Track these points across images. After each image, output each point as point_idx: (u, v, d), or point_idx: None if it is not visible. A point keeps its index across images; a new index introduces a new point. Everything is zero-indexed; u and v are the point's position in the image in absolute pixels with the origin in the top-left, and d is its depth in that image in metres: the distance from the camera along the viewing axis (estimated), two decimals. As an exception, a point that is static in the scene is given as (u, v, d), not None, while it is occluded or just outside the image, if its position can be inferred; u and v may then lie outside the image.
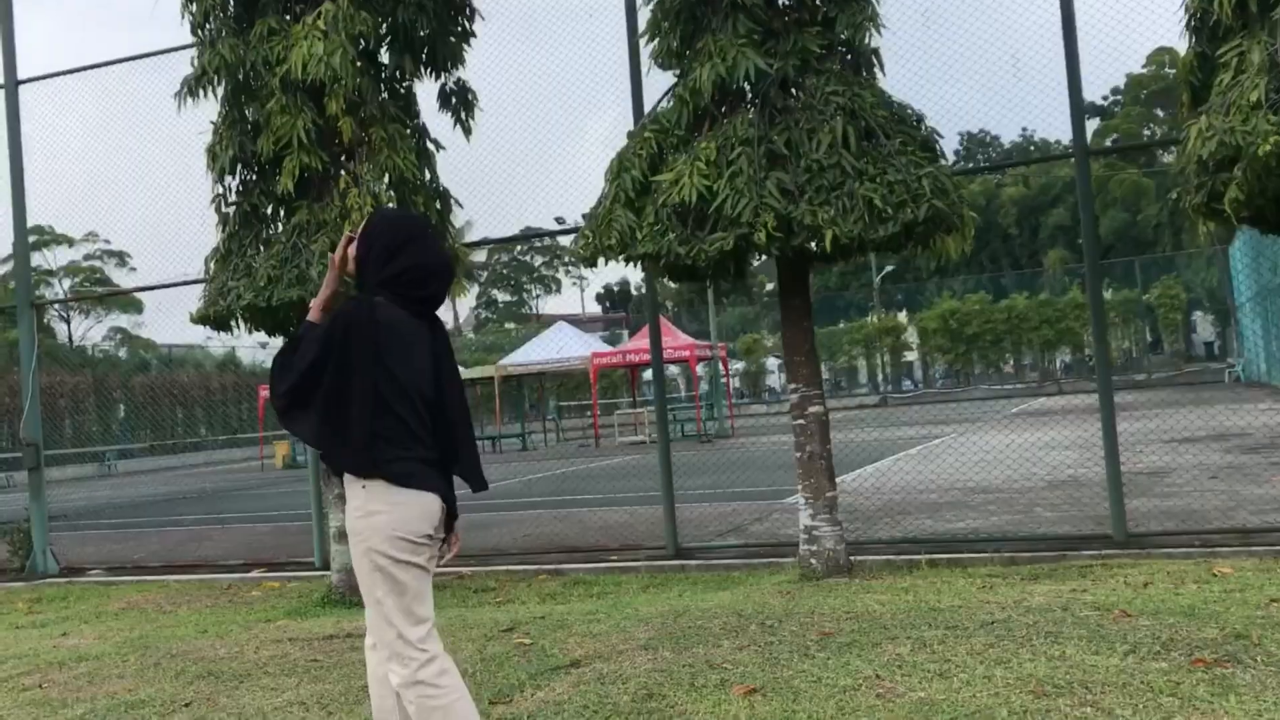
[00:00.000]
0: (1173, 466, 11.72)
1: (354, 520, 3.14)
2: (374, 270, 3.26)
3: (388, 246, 3.27)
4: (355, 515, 3.14)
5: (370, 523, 3.11)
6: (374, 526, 3.10)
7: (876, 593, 6.10)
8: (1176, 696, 3.72)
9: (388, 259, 3.26)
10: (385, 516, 3.10)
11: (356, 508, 3.14)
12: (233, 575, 9.43)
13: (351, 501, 3.15)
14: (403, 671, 3.09)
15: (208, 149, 7.67)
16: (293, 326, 7.72)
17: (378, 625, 3.14)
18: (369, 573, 3.12)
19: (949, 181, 6.41)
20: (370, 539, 3.11)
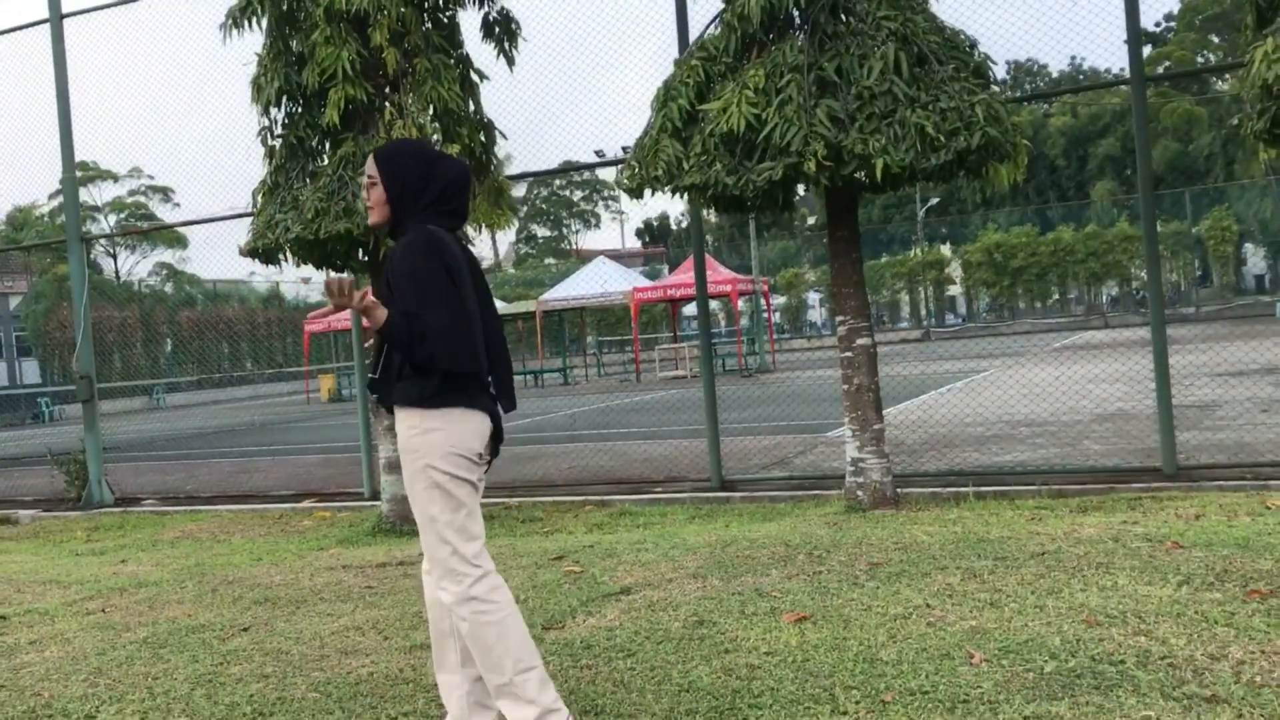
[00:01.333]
0: (1222, 400, 11.58)
1: (411, 438, 3.15)
2: (413, 201, 3.25)
3: (421, 174, 3.26)
4: (412, 433, 3.14)
5: (428, 440, 3.13)
6: (432, 444, 3.12)
7: (924, 524, 6.10)
8: (1232, 626, 3.70)
9: (424, 185, 3.26)
10: (443, 434, 3.13)
11: (413, 425, 3.15)
12: (284, 505, 9.59)
13: (407, 420, 3.16)
14: (456, 589, 3.11)
15: (252, 81, 7.66)
16: (339, 260, 7.76)
17: (431, 544, 3.16)
18: (425, 490, 3.14)
19: (1002, 109, 6.28)
20: (428, 456, 3.12)
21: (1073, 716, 3.04)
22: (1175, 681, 3.23)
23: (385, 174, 3.26)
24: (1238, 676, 3.23)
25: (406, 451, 3.17)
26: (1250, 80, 5.55)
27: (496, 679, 3.10)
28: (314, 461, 13.57)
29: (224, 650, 4.56)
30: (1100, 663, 3.44)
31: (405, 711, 3.57)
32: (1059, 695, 3.20)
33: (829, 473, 8.44)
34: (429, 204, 3.26)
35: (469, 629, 3.10)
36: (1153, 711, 3.02)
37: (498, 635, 3.09)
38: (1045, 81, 66.83)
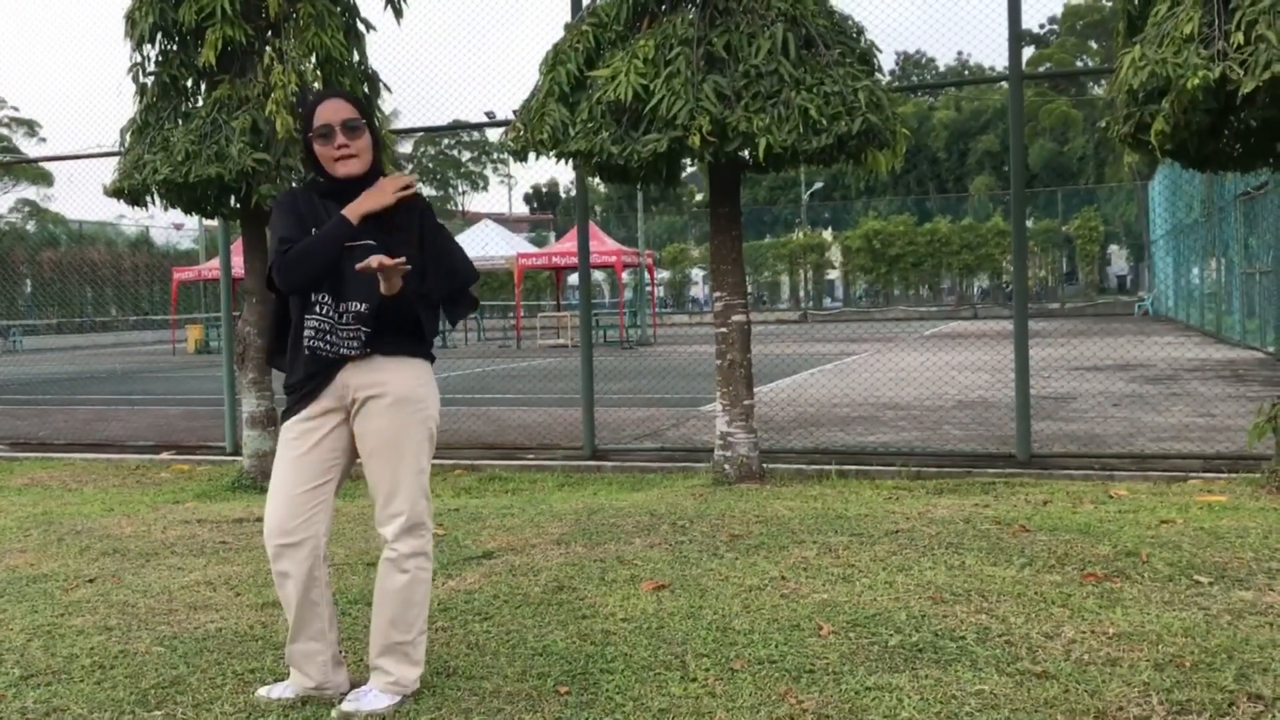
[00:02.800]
0: (1078, 393, 12.06)
1: (417, 388, 3.19)
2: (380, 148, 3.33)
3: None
4: (419, 384, 3.20)
5: (431, 390, 3.25)
6: (433, 395, 3.25)
7: (786, 499, 6.23)
8: (1067, 607, 3.87)
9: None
10: (435, 386, 3.29)
11: (419, 376, 3.21)
12: (141, 456, 9.30)
13: (412, 370, 3.19)
14: (416, 543, 3.18)
15: (126, 15, 7.33)
16: (209, 205, 7.52)
17: (413, 497, 3.17)
18: (421, 442, 3.19)
19: (884, 96, 6.40)
20: (431, 407, 3.23)
21: (912, 688, 3.14)
22: (1010, 658, 3.37)
23: (366, 116, 3.24)
24: (1068, 654, 3.39)
25: (409, 401, 3.16)
26: (1117, 85, 5.76)
27: (400, 636, 3.15)
28: (176, 413, 13.18)
29: (66, 601, 4.41)
30: (942, 638, 3.57)
31: (252, 668, 3.50)
32: (900, 668, 3.31)
33: (699, 445, 8.53)
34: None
35: (406, 581, 3.15)
36: (987, 685, 3.15)
37: (424, 594, 3.20)
38: (933, 74, 68.39)
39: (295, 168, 7.00)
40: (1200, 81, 5.22)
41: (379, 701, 3.11)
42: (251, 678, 3.42)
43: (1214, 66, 5.22)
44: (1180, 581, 4.17)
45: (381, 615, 3.17)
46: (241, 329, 7.69)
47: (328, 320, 3.10)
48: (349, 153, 3.17)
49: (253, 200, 7.10)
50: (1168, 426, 9.11)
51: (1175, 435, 8.59)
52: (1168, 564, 4.40)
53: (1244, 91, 5.18)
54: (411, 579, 3.16)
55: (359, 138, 3.18)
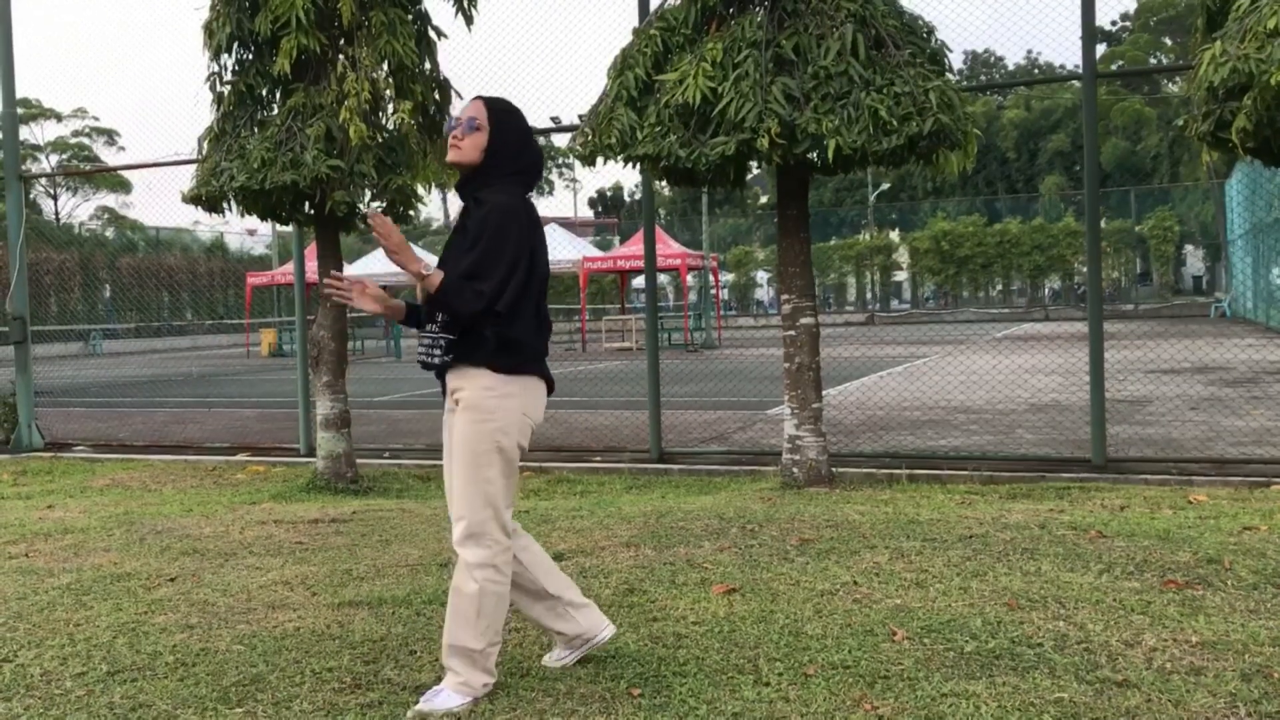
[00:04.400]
0: (1154, 396, 11.82)
1: (486, 398, 3.19)
2: (509, 161, 3.32)
3: (523, 135, 3.37)
4: (490, 394, 3.19)
5: (505, 403, 3.20)
6: (508, 408, 3.20)
7: (856, 503, 6.18)
8: (1147, 615, 3.80)
9: (522, 148, 3.36)
10: (519, 400, 3.23)
11: (490, 387, 3.19)
12: (218, 458, 9.49)
13: (483, 380, 3.20)
14: (481, 552, 3.20)
15: (204, 25, 7.49)
16: (284, 212, 7.65)
17: (475, 506, 3.19)
18: (488, 452, 3.19)
19: (956, 96, 6.33)
20: (502, 419, 3.19)
21: (989, 696, 3.10)
22: (1090, 665, 3.31)
23: (495, 125, 3.31)
24: (1149, 663, 3.32)
25: (476, 409, 3.19)
26: (1197, 82, 5.63)
27: (467, 641, 3.18)
28: (251, 415, 13.43)
29: (149, 599, 4.51)
30: (1019, 645, 3.52)
31: (330, 667, 3.56)
32: (977, 675, 3.27)
33: (767, 449, 8.50)
34: (525, 168, 3.35)
35: (475, 591, 3.18)
36: (1066, 694, 3.10)
37: (494, 606, 3.21)
38: (1001, 74, 67.45)
39: (369, 174, 7.11)
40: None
41: (451, 701, 3.16)
42: (329, 676, 3.47)
43: (1299, 62, 5.08)
44: (1266, 590, 4.07)
45: (453, 618, 3.23)
46: (316, 333, 7.81)
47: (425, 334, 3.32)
48: (458, 144, 3.32)
49: (326, 206, 7.21)
50: (1248, 430, 8.89)
51: (1256, 439, 8.38)
52: (1252, 571, 4.30)
53: (1330, 87, 5.03)
54: (480, 590, 3.19)
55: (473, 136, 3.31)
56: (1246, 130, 5.49)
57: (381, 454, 9.24)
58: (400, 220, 7.78)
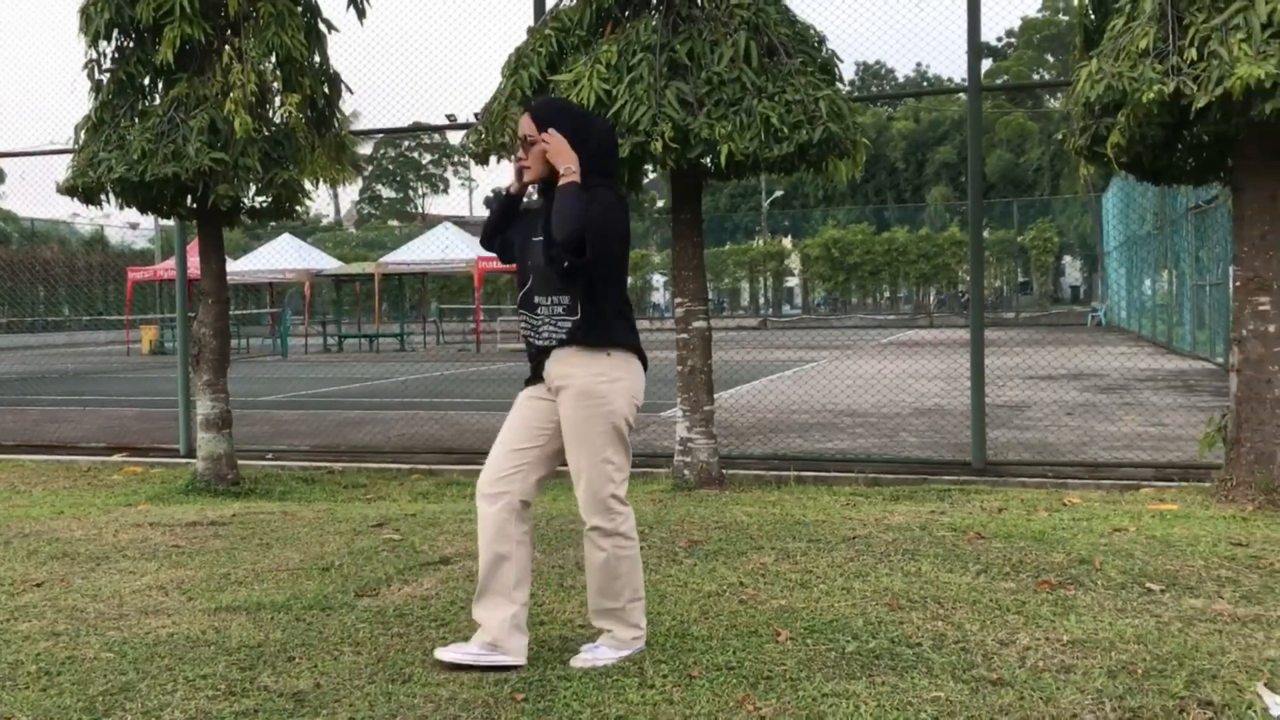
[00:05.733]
0: (1032, 401, 12.19)
1: (598, 384, 3.42)
2: (601, 160, 3.50)
3: (579, 126, 3.51)
4: (599, 380, 3.42)
5: (615, 387, 3.43)
6: (618, 391, 3.44)
7: (745, 505, 6.24)
8: (1022, 614, 3.90)
9: (613, 149, 3.62)
10: (627, 382, 3.47)
11: (599, 373, 3.42)
12: (93, 458, 9.17)
13: (592, 367, 3.42)
14: (609, 524, 3.45)
15: (81, 10, 7.23)
16: (165, 205, 7.43)
17: (597, 484, 3.44)
18: (603, 433, 3.42)
19: (845, 106, 6.45)
20: (614, 402, 3.43)
21: (869, 695, 3.15)
22: (966, 664, 3.39)
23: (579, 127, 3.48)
24: (1022, 661, 3.41)
25: (589, 395, 3.41)
26: (1075, 98, 5.83)
27: (610, 604, 3.50)
28: (129, 414, 13.00)
29: (13, 606, 4.32)
30: (899, 645, 3.58)
31: (204, 674, 3.45)
32: (858, 675, 3.32)
33: (659, 451, 8.54)
34: (612, 169, 3.55)
35: (606, 559, 3.47)
36: (943, 692, 3.16)
37: (629, 568, 3.50)
38: (892, 85, 68.97)
39: (254, 168, 6.94)
40: (1155, 95, 5.30)
41: (607, 655, 3.46)
42: (203, 683, 3.37)
43: (1168, 81, 5.30)
44: (1133, 589, 4.22)
45: (592, 585, 3.54)
46: (197, 330, 7.59)
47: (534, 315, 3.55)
48: (525, 163, 3.53)
49: (210, 200, 7.02)
50: (1120, 435, 9.23)
51: (1128, 444, 8.70)
52: (1120, 572, 4.45)
53: (1197, 106, 5.26)
54: (610, 556, 3.46)
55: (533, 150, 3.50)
56: (1120, 145, 5.70)
57: (265, 455, 9.03)
58: (285, 215, 7.62)
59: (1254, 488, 5.92)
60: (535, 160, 3.48)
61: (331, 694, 3.27)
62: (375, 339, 30.15)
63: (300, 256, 30.90)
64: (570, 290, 3.43)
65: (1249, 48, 5.13)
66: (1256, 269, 5.97)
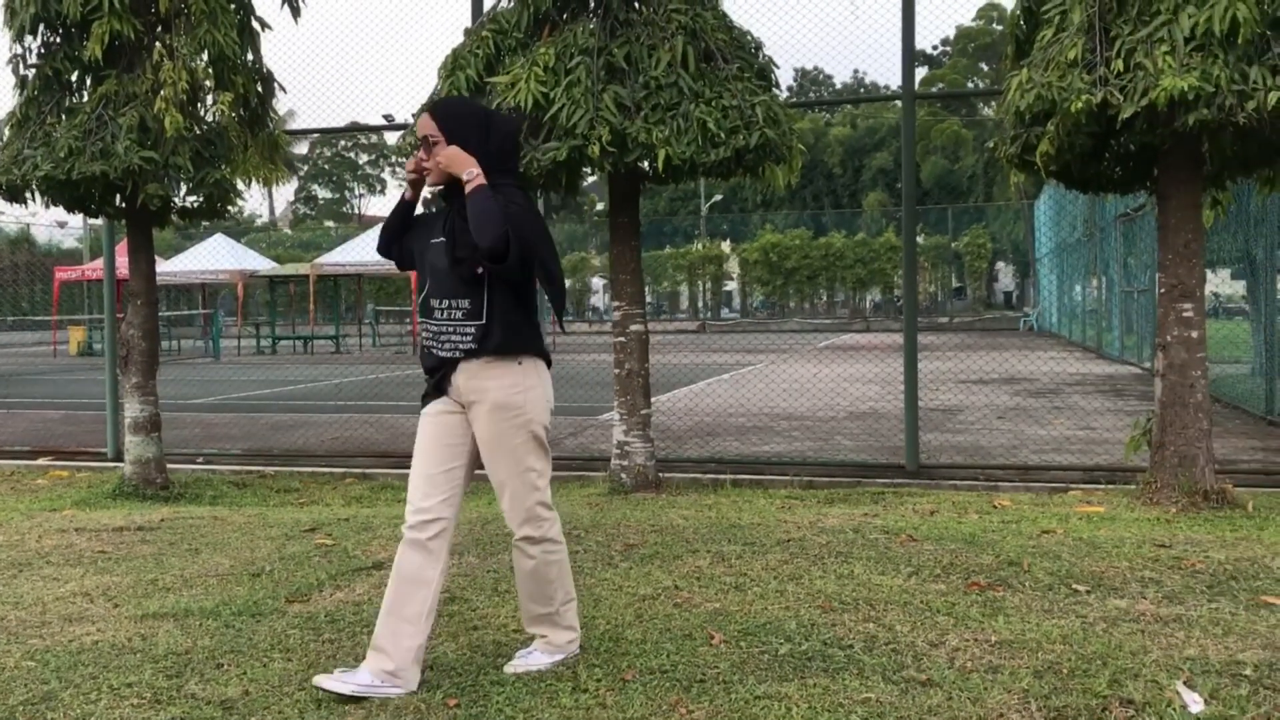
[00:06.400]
0: (965, 405, 12.37)
1: (512, 396, 3.34)
2: (504, 159, 3.40)
3: (511, 146, 3.45)
4: (514, 392, 3.34)
5: (530, 396, 3.37)
6: (533, 400, 3.38)
7: (681, 508, 6.26)
8: (951, 616, 3.96)
9: (515, 147, 3.52)
10: (540, 389, 3.41)
11: (514, 385, 3.34)
12: (17, 462, 8.95)
13: (504, 379, 3.34)
14: (535, 532, 3.41)
15: (5, 3, 7.06)
16: (94, 204, 7.28)
17: (521, 494, 3.38)
18: (523, 444, 3.37)
19: (781, 111, 6.50)
20: (530, 411, 3.37)
21: (800, 697, 3.18)
22: (896, 666, 3.43)
23: (449, 131, 3.34)
24: (951, 662, 3.46)
25: (505, 408, 3.33)
26: (1006, 106, 5.93)
27: (543, 609, 3.47)
28: (55, 418, 12.72)
29: (-70, 614, 4.21)
30: (831, 646, 3.62)
31: (129, 682, 3.39)
32: (790, 677, 3.35)
33: (596, 454, 8.53)
34: (514, 168, 3.46)
35: (535, 566, 3.43)
36: (873, 694, 3.20)
37: (559, 572, 3.47)
38: (830, 91, 69.60)
39: (185, 167, 6.83)
40: (1083, 105, 5.40)
41: (541, 660, 3.45)
42: (128, 691, 3.31)
43: (1096, 91, 5.41)
44: (1059, 590, 4.29)
45: (523, 592, 3.50)
46: (125, 332, 7.45)
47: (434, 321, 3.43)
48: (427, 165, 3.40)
49: (139, 199, 6.89)
50: (1050, 439, 9.39)
51: (1057, 447, 8.86)
52: (1048, 573, 4.53)
53: (1123, 116, 5.38)
54: (540, 562, 3.42)
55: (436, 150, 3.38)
56: (1049, 154, 5.81)
57: (195, 459, 8.88)
58: (217, 215, 7.50)
59: (1177, 490, 6.06)
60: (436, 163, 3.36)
61: (261, 701, 3.22)
62: (310, 341, 29.78)
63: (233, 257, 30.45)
64: (472, 294, 3.31)
65: (1173, 60, 5.26)
66: (1180, 276, 6.11)
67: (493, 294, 3.30)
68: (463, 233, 3.28)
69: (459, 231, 3.30)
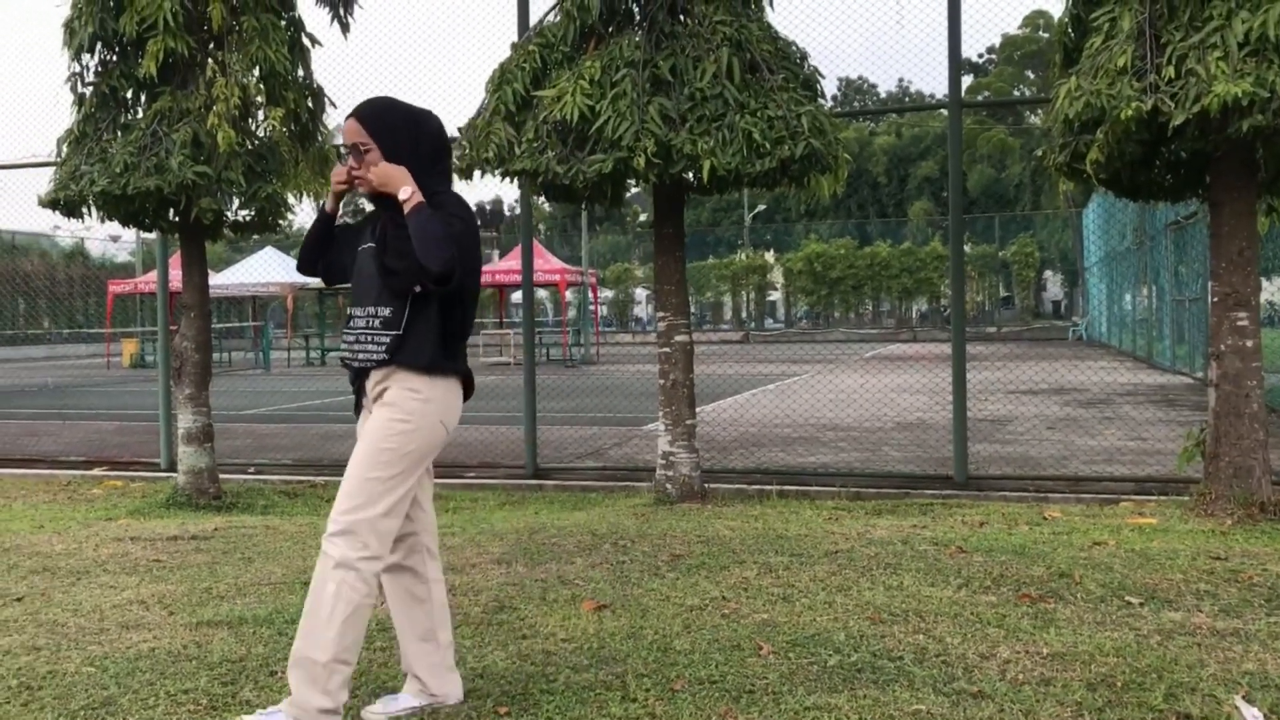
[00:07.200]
0: (1014, 415, 12.25)
1: (408, 399, 3.06)
2: (436, 161, 3.21)
3: (441, 144, 3.24)
4: (410, 396, 3.07)
5: (424, 407, 3.07)
6: (425, 412, 3.07)
7: (727, 519, 6.25)
8: (1002, 628, 3.93)
9: (447, 147, 3.28)
10: (437, 405, 3.10)
11: (412, 390, 3.07)
12: (73, 472, 9.11)
13: (410, 382, 3.07)
14: (348, 552, 2.95)
15: (65, 23, 7.22)
16: (148, 219, 7.41)
17: (357, 502, 2.99)
18: (388, 450, 3.03)
19: (827, 121, 6.49)
20: (416, 423, 3.06)
21: (850, 708, 3.17)
22: (947, 678, 3.41)
23: (378, 135, 3.13)
24: (1003, 674, 3.43)
25: (394, 407, 3.06)
26: (1054, 114, 5.89)
27: (311, 652, 2.93)
28: (110, 428, 12.94)
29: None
30: (880, 658, 3.60)
31: (185, 689, 3.44)
32: (839, 688, 3.34)
33: (641, 465, 8.54)
34: (444, 172, 3.22)
35: (331, 593, 2.94)
36: (924, 705, 3.18)
37: (346, 617, 2.94)
38: (874, 100, 69.33)
39: (237, 181, 6.93)
40: (1133, 113, 5.35)
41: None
42: (185, 698, 3.36)
43: (1146, 99, 5.36)
44: (1112, 602, 4.25)
45: (304, 621, 2.98)
46: (179, 344, 7.57)
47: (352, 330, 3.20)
48: (359, 173, 3.17)
49: (192, 214, 7.00)
50: (1100, 450, 9.28)
51: (1108, 458, 8.76)
52: (1100, 585, 4.48)
53: (1174, 124, 5.32)
54: (335, 594, 2.93)
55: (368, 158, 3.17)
56: (1099, 162, 5.75)
57: (246, 469, 9.00)
58: (268, 229, 7.61)
59: (1232, 501, 5.96)
60: (368, 170, 3.14)
61: (314, 708, 3.26)
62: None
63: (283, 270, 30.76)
64: (395, 303, 3.08)
65: (1226, 66, 5.19)
66: (1234, 284, 6.02)
67: (415, 305, 3.07)
68: (395, 241, 3.05)
69: (391, 239, 3.08)
